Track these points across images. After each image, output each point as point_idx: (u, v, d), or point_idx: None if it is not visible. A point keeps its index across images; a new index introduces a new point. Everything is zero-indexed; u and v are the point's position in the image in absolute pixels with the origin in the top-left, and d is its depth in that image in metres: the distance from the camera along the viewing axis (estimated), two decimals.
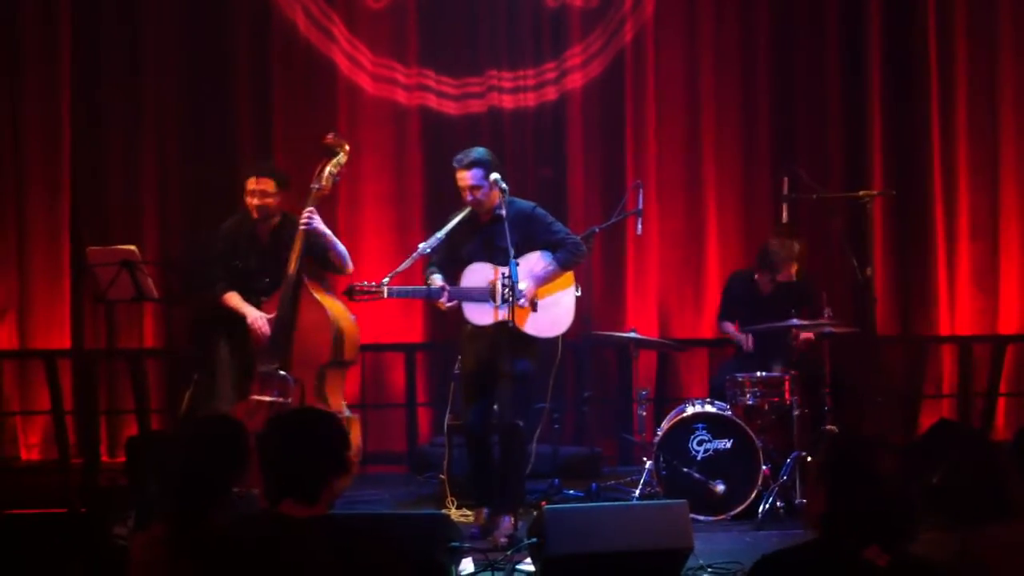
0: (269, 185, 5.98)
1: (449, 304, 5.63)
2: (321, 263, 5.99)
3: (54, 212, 7.79)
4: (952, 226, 8.07)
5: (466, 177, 5.67)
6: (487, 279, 5.66)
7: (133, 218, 7.88)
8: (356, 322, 5.97)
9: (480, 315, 5.67)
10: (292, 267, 5.78)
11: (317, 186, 5.87)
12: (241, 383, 5.98)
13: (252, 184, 5.98)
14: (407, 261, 5.71)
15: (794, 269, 6.88)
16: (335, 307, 5.87)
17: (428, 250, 5.67)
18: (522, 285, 5.55)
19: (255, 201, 5.97)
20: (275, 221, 6.05)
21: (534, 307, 5.68)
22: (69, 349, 7.69)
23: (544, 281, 5.71)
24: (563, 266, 5.76)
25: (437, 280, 5.72)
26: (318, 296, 5.83)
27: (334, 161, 5.91)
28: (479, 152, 5.71)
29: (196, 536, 3.13)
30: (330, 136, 6.01)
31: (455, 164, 5.73)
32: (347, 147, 5.99)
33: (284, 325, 5.79)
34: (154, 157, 7.91)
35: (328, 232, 5.91)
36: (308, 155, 7.25)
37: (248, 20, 8.02)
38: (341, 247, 5.97)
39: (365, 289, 5.66)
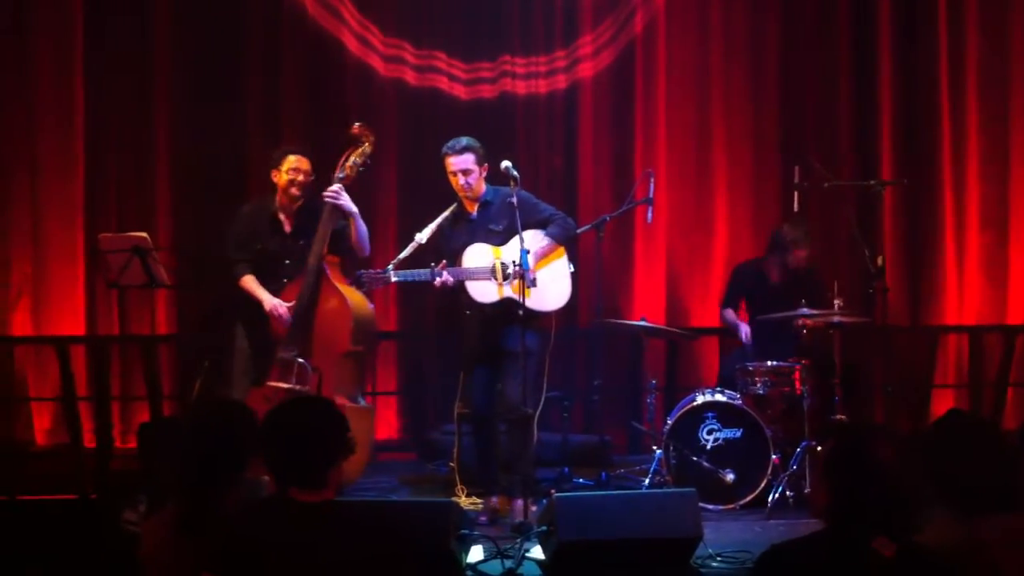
0: (306, 164, 5.97)
1: (443, 280, 5.73)
2: (337, 246, 5.93)
3: (68, 198, 7.80)
4: (961, 216, 8.05)
5: (458, 162, 5.82)
6: (488, 259, 5.82)
7: (146, 205, 7.89)
8: (374, 311, 6.00)
9: (484, 293, 5.83)
10: (320, 247, 5.76)
11: (341, 175, 5.84)
12: (254, 369, 5.99)
13: (293, 162, 5.94)
14: (406, 250, 5.80)
15: (803, 254, 6.87)
16: (355, 296, 5.87)
17: (424, 240, 5.81)
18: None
19: (299, 178, 5.93)
20: (298, 204, 6.01)
21: (534, 283, 5.76)
22: (81, 336, 7.71)
23: (541, 257, 5.83)
24: (556, 240, 5.89)
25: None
26: (339, 285, 5.84)
27: (359, 151, 5.88)
28: (469, 139, 5.87)
29: (205, 521, 3.15)
30: (356, 126, 5.94)
31: (446, 151, 5.86)
32: (372, 138, 5.93)
33: (305, 312, 5.77)
34: (166, 144, 7.92)
35: (355, 210, 5.88)
36: (317, 137, 7.31)
37: (258, 1, 8.02)
38: (363, 228, 5.95)
39: (373, 276, 5.81)
